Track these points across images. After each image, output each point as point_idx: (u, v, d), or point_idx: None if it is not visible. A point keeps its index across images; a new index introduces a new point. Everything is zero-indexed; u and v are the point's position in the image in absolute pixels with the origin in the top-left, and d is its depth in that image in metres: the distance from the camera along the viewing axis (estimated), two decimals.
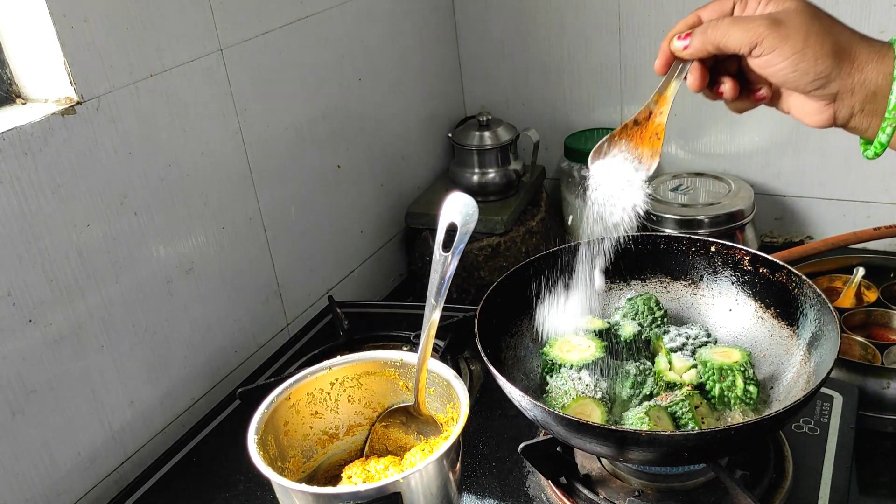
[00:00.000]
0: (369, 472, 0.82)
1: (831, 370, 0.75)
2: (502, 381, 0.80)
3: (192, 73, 1.03)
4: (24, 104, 0.92)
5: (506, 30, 1.58)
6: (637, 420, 0.81)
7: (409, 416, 0.87)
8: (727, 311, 0.97)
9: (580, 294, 0.92)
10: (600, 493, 0.84)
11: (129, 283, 0.98)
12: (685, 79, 0.74)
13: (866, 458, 1.01)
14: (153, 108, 0.98)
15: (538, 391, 0.91)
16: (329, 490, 0.72)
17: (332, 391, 0.87)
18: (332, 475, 0.87)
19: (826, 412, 0.93)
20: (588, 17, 1.50)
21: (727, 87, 0.74)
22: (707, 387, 0.87)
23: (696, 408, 0.84)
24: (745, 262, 0.94)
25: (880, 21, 1.29)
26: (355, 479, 0.81)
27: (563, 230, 1.60)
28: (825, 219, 1.47)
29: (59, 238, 0.89)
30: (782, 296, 0.91)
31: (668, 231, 1.36)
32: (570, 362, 0.88)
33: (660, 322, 0.96)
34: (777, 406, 0.86)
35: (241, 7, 1.09)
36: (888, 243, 1.33)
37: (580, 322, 0.95)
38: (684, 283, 1.00)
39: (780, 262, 0.92)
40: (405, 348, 1.07)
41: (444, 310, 0.81)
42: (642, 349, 0.94)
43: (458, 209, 0.78)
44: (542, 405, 0.76)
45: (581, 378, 0.86)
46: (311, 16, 1.23)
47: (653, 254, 1.00)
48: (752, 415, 0.85)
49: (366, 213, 1.42)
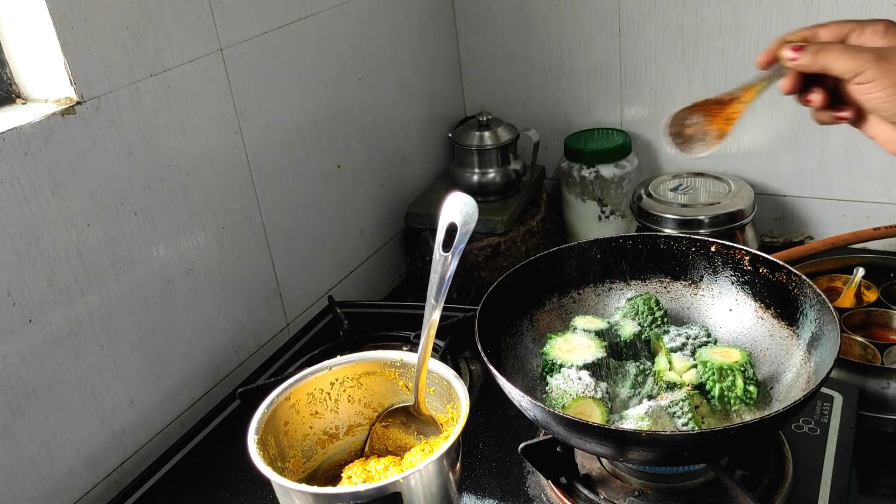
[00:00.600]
0: (369, 472, 0.82)
1: (831, 370, 0.75)
2: (502, 381, 0.80)
3: (192, 73, 1.03)
4: (24, 104, 0.92)
5: (506, 30, 1.58)
6: (637, 420, 0.81)
7: (409, 416, 0.87)
8: (727, 311, 0.97)
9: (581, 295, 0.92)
10: (600, 493, 0.84)
11: (129, 283, 0.98)
12: (778, 81, 0.78)
13: (866, 458, 1.01)
14: (153, 108, 0.98)
15: (538, 391, 0.91)
16: (329, 490, 0.72)
17: (332, 391, 0.87)
18: (332, 475, 0.87)
19: (826, 412, 0.93)
20: (588, 17, 1.50)
21: (817, 98, 0.77)
22: (707, 387, 0.87)
23: (696, 408, 0.84)
24: (745, 262, 0.94)
25: None
26: (355, 479, 0.81)
27: (563, 230, 1.60)
28: (825, 219, 1.47)
29: (59, 238, 0.89)
30: (782, 296, 0.91)
31: (668, 231, 1.36)
32: (570, 362, 0.88)
33: (660, 322, 0.96)
34: (777, 406, 0.86)
35: (241, 7, 1.09)
36: (888, 243, 1.33)
37: (580, 322, 0.95)
38: (684, 283, 1.00)
39: (780, 262, 0.92)
40: (405, 348, 1.07)
41: (444, 310, 0.81)
42: (642, 349, 0.94)
43: (458, 209, 0.78)
44: (542, 405, 0.76)
45: (581, 378, 0.86)
46: (311, 16, 1.23)
47: (653, 254, 1.00)
48: (752, 415, 0.85)
49: (366, 213, 1.42)
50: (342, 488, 0.76)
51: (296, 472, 0.85)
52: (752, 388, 0.85)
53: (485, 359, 0.82)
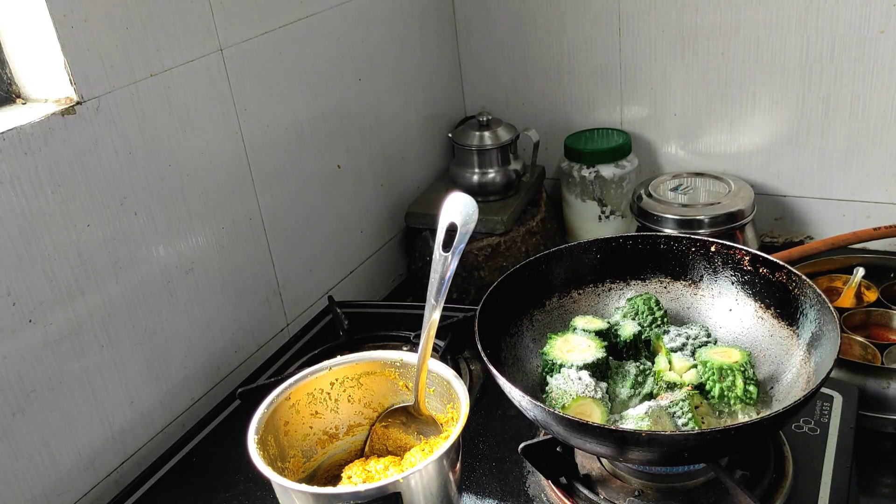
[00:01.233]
0: (369, 472, 0.82)
1: (831, 370, 0.75)
2: (502, 381, 0.80)
3: (192, 73, 1.03)
4: (24, 104, 0.92)
5: (506, 30, 1.58)
6: (637, 420, 0.81)
7: (409, 416, 0.87)
8: (727, 311, 0.97)
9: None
10: (600, 493, 0.84)
11: (129, 283, 0.98)
12: None
13: (866, 458, 1.01)
14: (153, 108, 0.98)
15: (538, 391, 0.91)
16: (329, 490, 0.72)
17: (332, 391, 0.87)
18: (332, 475, 0.87)
19: (826, 412, 0.93)
20: (588, 17, 1.50)
21: None
22: (707, 387, 0.87)
23: (696, 408, 0.84)
24: (745, 262, 0.94)
25: (880, 21, 1.29)
26: (355, 479, 0.81)
27: (563, 230, 1.60)
28: (825, 219, 1.47)
29: (59, 238, 0.89)
30: (782, 296, 0.91)
31: (668, 231, 1.36)
32: (570, 362, 0.88)
33: (660, 322, 0.96)
34: (777, 406, 0.86)
35: (241, 7, 1.09)
36: (888, 243, 1.33)
37: (580, 322, 0.95)
38: (684, 283, 1.00)
39: (780, 262, 0.92)
40: (405, 348, 1.07)
41: (444, 310, 0.81)
42: (642, 349, 0.94)
43: (458, 209, 0.78)
44: (542, 405, 0.76)
45: (581, 378, 0.86)
46: (311, 16, 1.23)
47: (653, 254, 1.00)
48: (752, 415, 0.85)
49: (366, 213, 1.42)
50: (342, 488, 0.76)
51: (296, 472, 0.85)
52: (752, 388, 0.86)
53: (485, 359, 0.82)
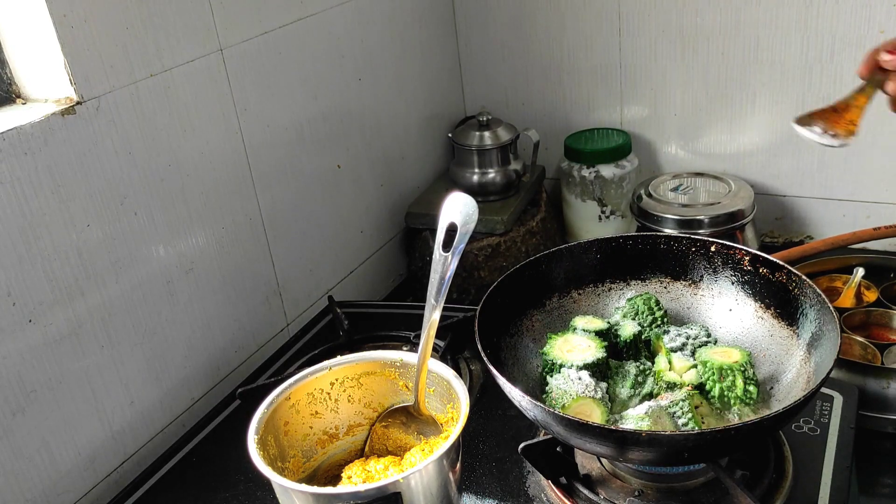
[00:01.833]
0: (369, 472, 0.82)
1: (831, 370, 0.75)
2: (502, 381, 0.80)
3: (192, 73, 1.03)
4: (24, 104, 0.92)
5: (506, 30, 1.58)
6: (637, 420, 0.81)
7: (409, 416, 0.87)
8: (727, 311, 0.97)
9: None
10: (600, 493, 0.84)
11: (129, 283, 0.98)
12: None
13: (866, 458, 1.01)
14: (153, 108, 0.98)
15: (538, 391, 0.91)
16: (329, 490, 0.72)
17: (332, 391, 0.87)
18: (332, 475, 0.87)
19: (826, 412, 0.93)
20: (588, 17, 1.50)
21: None
22: (707, 387, 0.87)
23: (696, 408, 0.84)
24: (745, 262, 0.94)
25: (880, 21, 1.29)
26: (355, 479, 0.81)
27: (563, 230, 1.60)
28: (825, 219, 1.47)
29: (59, 238, 0.89)
30: (782, 296, 0.91)
31: (668, 231, 1.36)
32: (570, 362, 0.88)
33: (660, 322, 0.96)
34: (777, 406, 0.86)
35: (241, 7, 1.09)
36: (888, 243, 1.32)
37: (580, 322, 0.95)
38: (684, 283, 1.00)
39: (780, 262, 0.92)
40: (405, 348, 1.07)
41: (444, 310, 0.81)
42: (642, 349, 0.94)
43: (458, 209, 0.78)
44: (542, 405, 0.76)
45: (581, 378, 0.86)
46: (311, 16, 1.23)
47: (653, 254, 1.00)
48: (752, 415, 0.85)
49: (366, 213, 1.42)
50: (342, 488, 0.76)
51: (296, 472, 0.85)
52: (752, 388, 0.85)
53: (485, 359, 0.82)
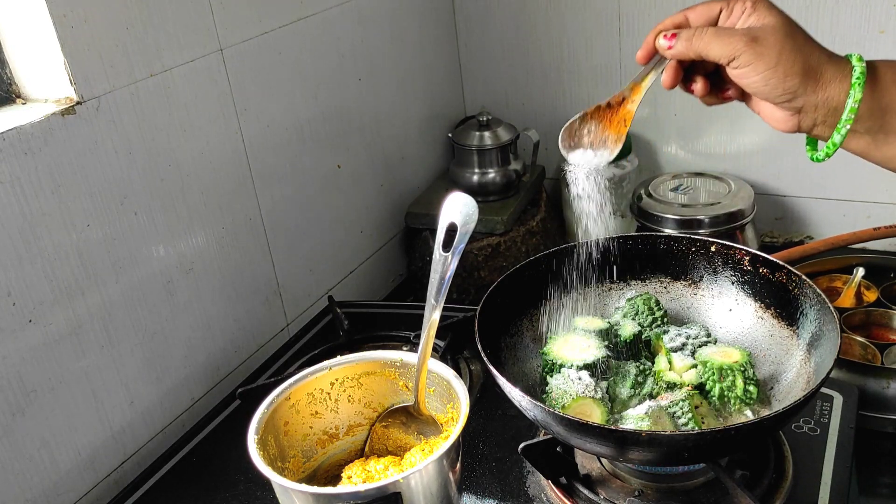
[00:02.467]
0: (369, 472, 0.82)
1: (831, 370, 0.75)
2: (502, 381, 0.80)
3: (192, 73, 1.03)
4: (24, 104, 0.92)
5: (506, 30, 1.58)
6: (637, 420, 0.81)
7: (409, 416, 0.87)
8: (727, 311, 0.97)
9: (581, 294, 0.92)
10: (600, 493, 0.84)
11: (129, 283, 0.98)
12: (662, 73, 0.79)
13: (866, 458, 1.01)
14: (153, 108, 0.98)
15: (538, 391, 0.91)
16: (329, 490, 0.72)
17: (332, 391, 0.87)
18: (332, 475, 0.87)
19: (826, 412, 0.93)
20: (588, 17, 1.50)
21: (698, 87, 0.80)
22: (707, 387, 0.87)
23: (696, 408, 0.84)
24: (745, 262, 0.94)
25: (880, 21, 1.29)
26: (355, 479, 0.81)
27: (563, 230, 1.60)
28: (825, 219, 1.47)
29: (59, 238, 0.89)
30: (782, 296, 0.91)
31: (668, 231, 1.36)
32: (570, 362, 0.88)
33: (660, 322, 0.96)
34: (777, 406, 0.86)
35: (241, 7, 1.09)
36: (888, 243, 1.32)
37: (580, 322, 0.95)
38: (684, 283, 1.00)
39: (780, 262, 0.92)
40: (405, 348, 1.07)
41: (444, 310, 0.81)
42: (642, 349, 0.94)
43: (458, 209, 0.78)
44: (542, 405, 0.76)
45: (581, 378, 0.86)
46: (311, 16, 1.23)
47: (653, 254, 1.00)
48: (752, 415, 0.85)
49: (366, 213, 1.42)
50: (342, 488, 0.76)
51: (296, 472, 0.85)
52: (752, 388, 0.85)
53: (485, 359, 0.82)
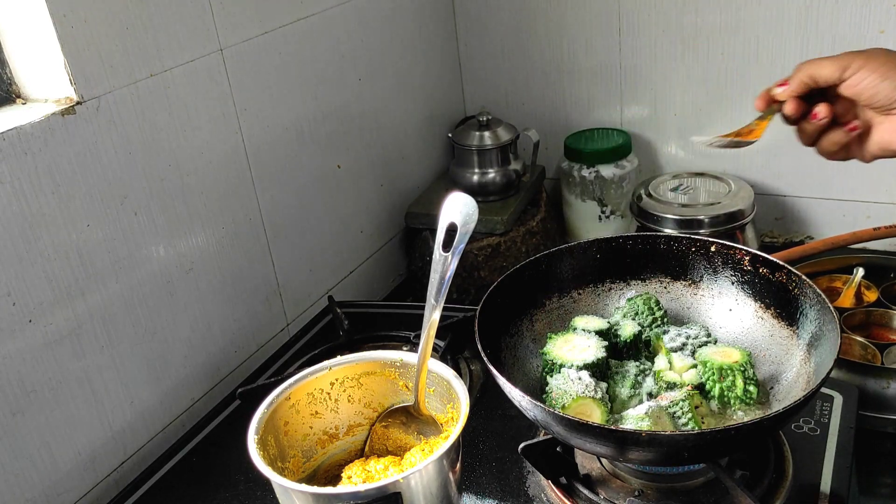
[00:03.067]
0: (369, 472, 0.82)
1: (831, 370, 0.75)
2: (502, 381, 0.80)
3: (192, 73, 1.03)
4: (24, 104, 0.92)
5: (506, 30, 1.58)
6: (637, 420, 0.81)
7: (409, 416, 0.87)
8: (727, 311, 0.97)
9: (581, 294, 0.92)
10: (600, 493, 0.84)
11: (129, 283, 0.98)
12: (781, 112, 0.88)
13: (866, 458, 1.01)
14: (153, 108, 0.98)
15: (538, 391, 0.91)
16: (329, 490, 0.72)
17: (332, 391, 0.87)
18: (332, 475, 0.87)
19: (826, 412, 0.93)
20: (588, 17, 1.50)
21: (822, 109, 0.85)
22: (707, 387, 0.87)
23: (696, 408, 0.84)
24: (745, 262, 0.94)
25: (880, 21, 1.29)
26: (355, 479, 0.81)
27: (563, 230, 1.60)
28: (825, 219, 1.47)
29: (59, 238, 0.89)
30: (782, 296, 0.91)
31: (668, 231, 1.36)
32: (570, 362, 0.88)
33: (660, 322, 0.96)
34: (777, 406, 0.86)
35: (241, 7, 1.09)
36: (888, 243, 1.32)
37: (580, 322, 0.95)
38: (684, 283, 1.00)
39: (780, 262, 0.92)
40: (405, 348, 1.07)
41: (444, 310, 0.81)
42: (642, 349, 0.94)
43: (458, 209, 0.78)
44: (542, 405, 0.76)
45: (581, 378, 0.86)
46: (311, 16, 1.23)
47: (653, 254, 1.00)
48: (752, 415, 0.85)
49: (366, 213, 1.42)
50: (342, 488, 0.76)
51: (296, 472, 0.85)
52: (752, 388, 0.85)
53: (485, 359, 0.82)
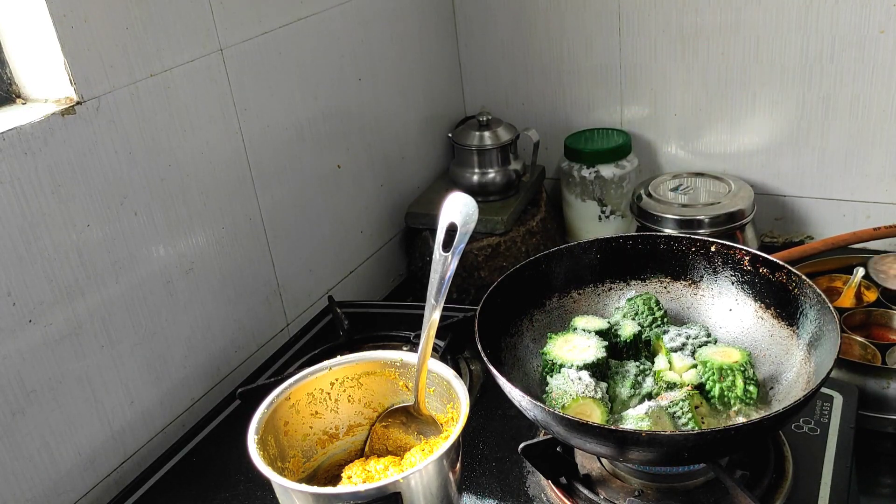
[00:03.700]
0: (369, 472, 0.82)
1: (831, 370, 0.75)
2: (502, 381, 0.80)
3: (192, 73, 1.03)
4: (24, 104, 0.92)
5: (506, 30, 1.58)
6: (637, 420, 0.81)
7: (409, 416, 0.87)
8: (727, 311, 0.97)
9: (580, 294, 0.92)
10: (600, 493, 0.84)
11: (129, 283, 0.98)
12: None
13: (866, 458, 1.01)
14: (153, 108, 0.98)
15: (538, 391, 0.91)
16: (329, 490, 0.72)
17: (332, 391, 0.87)
18: (332, 475, 0.87)
19: (826, 412, 0.93)
20: (588, 17, 1.50)
21: None
22: (707, 387, 0.87)
23: (696, 408, 0.84)
24: (745, 262, 0.94)
25: (880, 21, 1.29)
26: (355, 479, 0.81)
27: (563, 230, 1.60)
28: (825, 219, 1.47)
29: (59, 238, 0.89)
30: (782, 296, 0.91)
31: (668, 231, 1.36)
32: (570, 362, 0.88)
33: (660, 322, 0.96)
34: (777, 406, 0.86)
35: (241, 7, 1.09)
36: (888, 243, 1.33)
37: (580, 322, 0.95)
38: (684, 283, 1.00)
39: (780, 262, 0.92)
40: (405, 348, 1.07)
41: (444, 310, 0.81)
42: (642, 349, 0.94)
43: (458, 209, 0.78)
44: (542, 405, 0.76)
45: (581, 378, 0.86)
46: (311, 16, 1.23)
47: (653, 254, 1.00)
48: (752, 415, 0.85)
49: (366, 213, 1.42)
50: (342, 488, 0.76)
51: (296, 472, 0.85)
52: (752, 388, 0.85)
53: (485, 359, 0.82)
